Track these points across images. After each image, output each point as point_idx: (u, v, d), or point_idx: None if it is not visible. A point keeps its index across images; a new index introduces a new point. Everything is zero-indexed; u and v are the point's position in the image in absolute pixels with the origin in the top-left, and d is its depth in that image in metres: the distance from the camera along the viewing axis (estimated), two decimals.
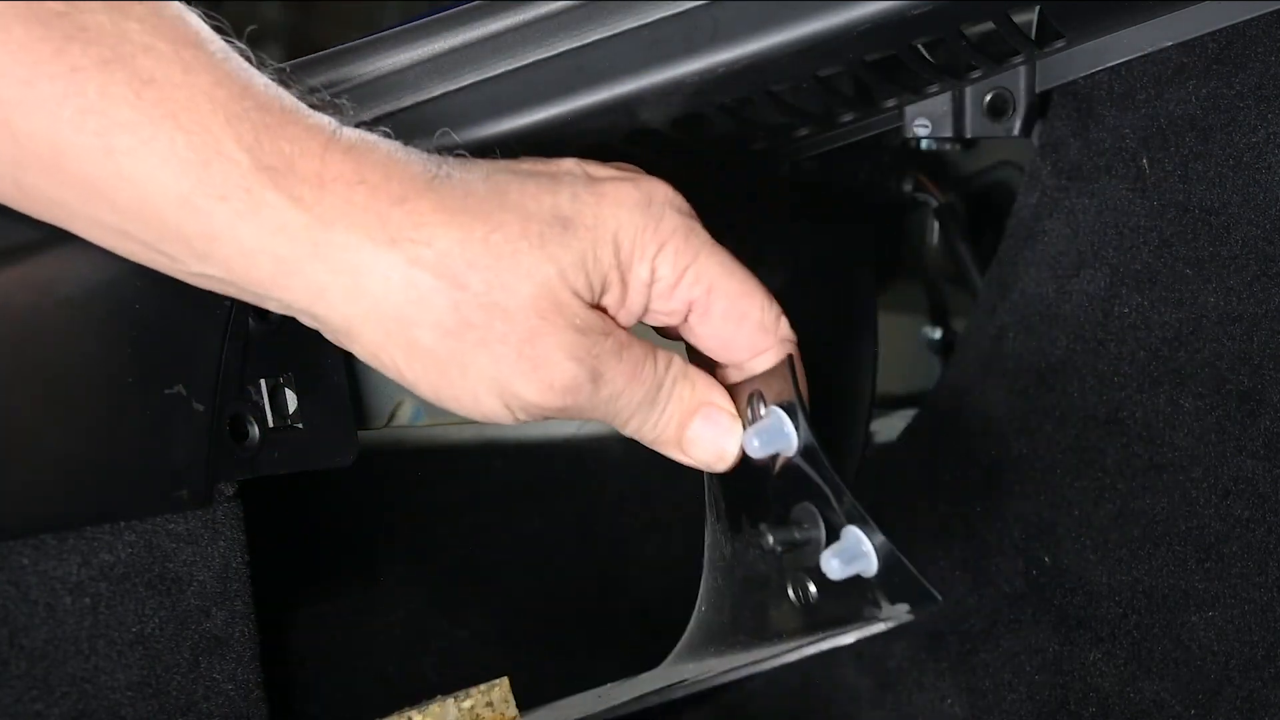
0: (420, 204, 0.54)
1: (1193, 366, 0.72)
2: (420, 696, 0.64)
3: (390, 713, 0.62)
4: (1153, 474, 0.73)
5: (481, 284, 0.54)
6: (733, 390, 0.61)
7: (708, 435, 0.60)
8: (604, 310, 0.57)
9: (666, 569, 0.92)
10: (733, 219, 0.72)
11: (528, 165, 0.58)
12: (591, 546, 0.91)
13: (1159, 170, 0.74)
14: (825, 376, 0.94)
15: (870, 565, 0.57)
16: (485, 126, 0.63)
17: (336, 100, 0.57)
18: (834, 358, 0.96)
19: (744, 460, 0.60)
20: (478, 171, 0.56)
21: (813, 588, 0.59)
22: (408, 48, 0.64)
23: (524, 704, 0.63)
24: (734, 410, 0.60)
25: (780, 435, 0.59)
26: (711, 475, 0.64)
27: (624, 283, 0.57)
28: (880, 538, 0.56)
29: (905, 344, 1.06)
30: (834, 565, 0.56)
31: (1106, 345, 0.76)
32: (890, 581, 0.56)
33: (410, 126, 0.61)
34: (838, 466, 0.58)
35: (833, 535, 0.58)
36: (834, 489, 0.58)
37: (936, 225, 1.02)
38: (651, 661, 0.68)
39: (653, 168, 0.60)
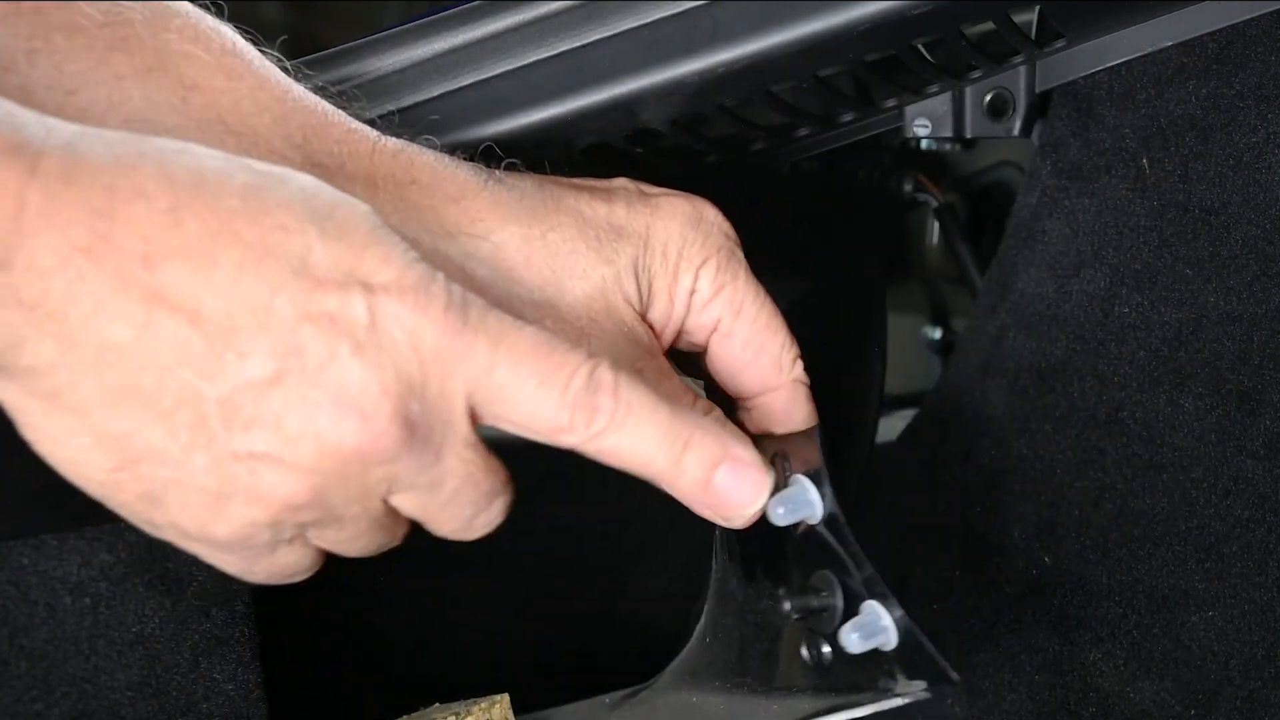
0: (476, 203, 0.55)
1: (1193, 366, 0.72)
2: (420, 696, 0.64)
3: None
4: (1153, 474, 0.73)
5: (536, 279, 0.55)
6: (757, 445, 0.60)
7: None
8: (651, 327, 0.58)
9: (666, 569, 0.92)
10: (744, 215, 0.71)
11: (579, 181, 0.59)
12: (591, 546, 0.91)
13: (1159, 170, 0.74)
14: (832, 374, 0.94)
15: (889, 640, 0.57)
16: (485, 126, 0.63)
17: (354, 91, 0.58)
18: (842, 356, 0.96)
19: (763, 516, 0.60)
20: (529, 181, 0.57)
21: (827, 651, 0.59)
22: (408, 48, 0.64)
23: (522, 708, 0.63)
24: (764, 466, 0.58)
25: (805, 504, 0.59)
26: None
27: (669, 293, 0.58)
28: (900, 612, 0.57)
29: (905, 344, 1.06)
30: (853, 639, 0.57)
31: (1106, 345, 0.76)
32: (908, 658, 0.57)
33: (410, 127, 0.61)
34: (859, 537, 0.58)
35: (851, 605, 0.58)
36: (855, 560, 0.58)
37: (936, 225, 1.02)
38: (650, 662, 0.68)
39: (654, 169, 0.60)
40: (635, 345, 0.56)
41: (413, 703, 0.65)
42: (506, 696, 0.62)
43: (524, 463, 0.88)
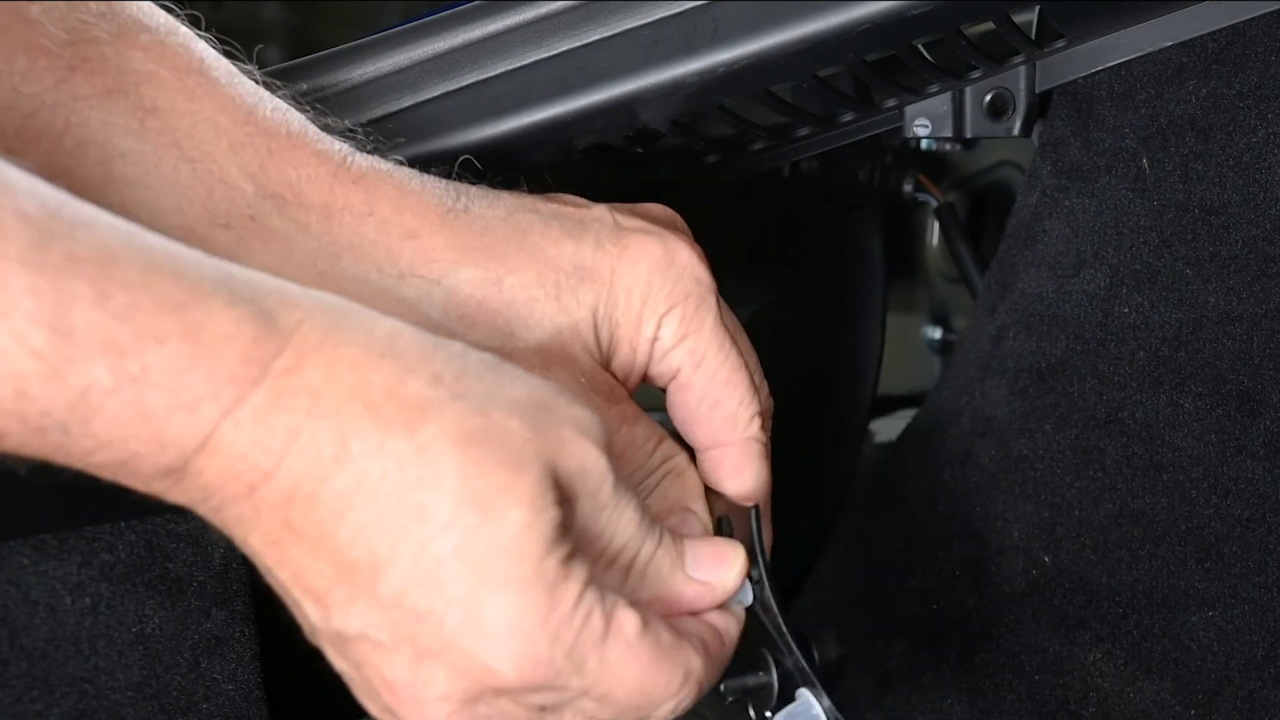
0: (434, 240, 0.53)
1: (1193, 366, 0.72)
2: None
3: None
4: (1153, 474, 0.73)
5: (488, 327, 0.53)
6: (708, 499, 0.58)
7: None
8: (614, 376, 0.56)
9: None
10: (736, 211, 0.71)
11: (555, 205, 0.57)
12: None
13: (1159, 170, 0.74)
14: (828, 364, 0.94)
15: None
16: (485, 127, 0.63)
17: (350, 132, 0.56)
18: (838, 346, 0.96)
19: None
20: (500, 208, 0.55)
21: (768, 715, 0.59)
22: (408, 48, 0.64)
23: None
24: (709, 523, 0.57)
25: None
26: None
27: (631, 342, 0.56)
28: (828, 702, 0.56)
29: (905, 344, 1.06)
30: None
31: (1106, 345, 0.76)
32: None
33: (410, 127, 0.61)
34: (790, 622, 0.57)
35: (786, 687, 0.58)
36: (786, 646, 0.57)
37: (936, 225, 1.02)
38: None
39: (654, 169, 0.60)
40: (590, 394, 0.54)
41: None
42: None
43: None
